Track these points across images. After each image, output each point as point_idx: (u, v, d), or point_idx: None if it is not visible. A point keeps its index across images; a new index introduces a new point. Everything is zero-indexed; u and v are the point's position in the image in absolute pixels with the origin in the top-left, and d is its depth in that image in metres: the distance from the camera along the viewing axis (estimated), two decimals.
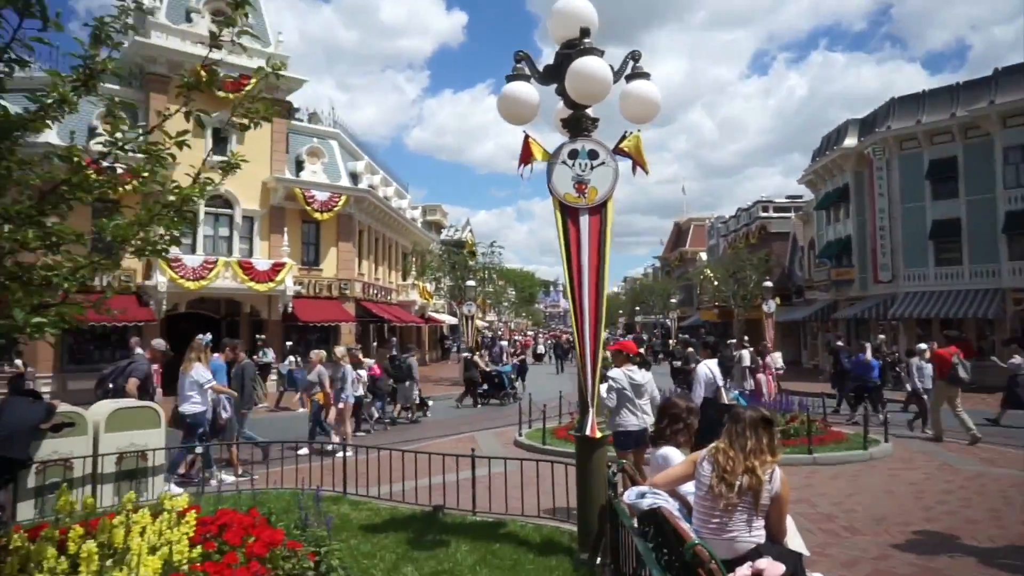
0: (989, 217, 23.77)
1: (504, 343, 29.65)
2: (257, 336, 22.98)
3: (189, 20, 22.59)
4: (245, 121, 4.52)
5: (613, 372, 7.31)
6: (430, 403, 17.80)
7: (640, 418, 6.99)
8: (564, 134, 5.62)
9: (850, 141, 29.14)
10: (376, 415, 15.66)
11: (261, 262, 23.06)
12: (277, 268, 23.11)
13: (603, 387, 7.72)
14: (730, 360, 15.50)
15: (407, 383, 16.00)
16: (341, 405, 11.81)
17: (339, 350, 12.81)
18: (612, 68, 5.48)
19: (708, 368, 8.34)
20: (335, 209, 25.08)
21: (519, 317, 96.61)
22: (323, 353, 12.52)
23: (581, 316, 5.34)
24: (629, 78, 5.55)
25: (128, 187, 4.07)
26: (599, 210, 5.41)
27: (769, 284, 26.23)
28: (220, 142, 23.11)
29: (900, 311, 25.16)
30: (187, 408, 8.70)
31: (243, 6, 3.97)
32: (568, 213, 5.41)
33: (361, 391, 14.94)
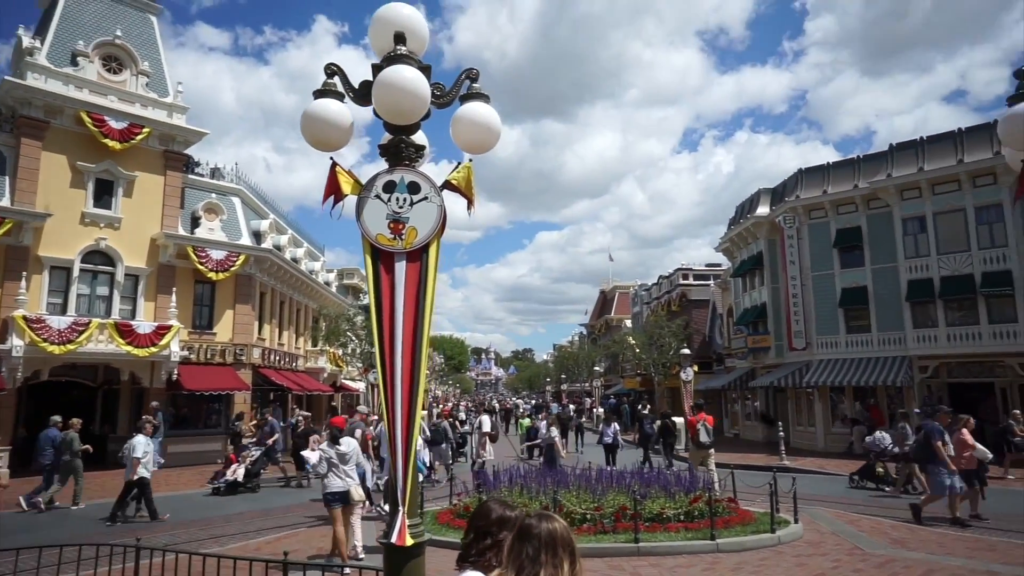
0: (894, 285, 24.19)
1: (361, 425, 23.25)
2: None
3: (75, 64, 21.09)
4: None
5: (323, 445, 8.99)
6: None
7: (345, 481, 8.74)
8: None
9: (763, 210, 29.66)
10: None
11: (143, 324, 21.01)
12: (162, 331, 21.10)
13: (313, 456, 9.82)
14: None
15: (443, 445, 18.27)
16: None
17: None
18: (443, 86, 4.60)
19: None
20: (232, 269, 23.35)
21: (446, 385, 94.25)
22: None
23: (392, 384, 4.15)
24: (464, 99, 4.65)
25: None
26: (419, 255, 4.35)
27: (687, 352, 25.79)
28: (104, 194, 21.38)
29: (815, 378, 25.07)
30: None
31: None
32: (380, 258, 4.33)
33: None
